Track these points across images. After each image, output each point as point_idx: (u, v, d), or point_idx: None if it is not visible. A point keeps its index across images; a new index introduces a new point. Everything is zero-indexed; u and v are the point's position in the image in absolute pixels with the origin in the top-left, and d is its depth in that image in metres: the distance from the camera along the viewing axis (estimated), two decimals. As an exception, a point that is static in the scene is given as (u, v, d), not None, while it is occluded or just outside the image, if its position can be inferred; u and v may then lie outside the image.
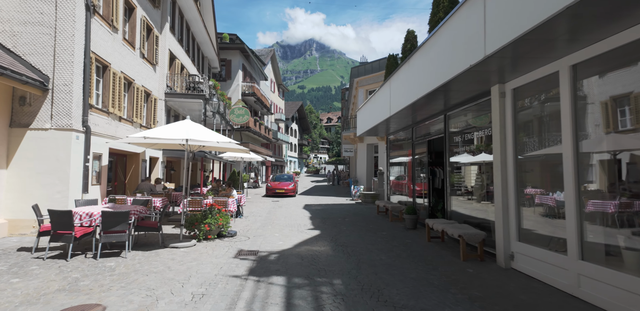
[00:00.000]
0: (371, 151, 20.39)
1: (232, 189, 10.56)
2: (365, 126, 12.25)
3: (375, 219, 10.74)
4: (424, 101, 7.03)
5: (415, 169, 9.87)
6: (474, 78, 5.36)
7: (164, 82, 13.29)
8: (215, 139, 6.61)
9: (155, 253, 6.20)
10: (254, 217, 11.17)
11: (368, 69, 19.64)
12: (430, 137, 8.78)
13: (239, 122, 18.26)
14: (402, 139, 11.43)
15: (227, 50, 24.70)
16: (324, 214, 12.06)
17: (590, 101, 4.13)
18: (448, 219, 7.64)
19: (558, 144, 4.49)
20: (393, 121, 9.92)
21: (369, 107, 11.57)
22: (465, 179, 7.12)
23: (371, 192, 16.00)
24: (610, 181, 3.92)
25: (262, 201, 16.92)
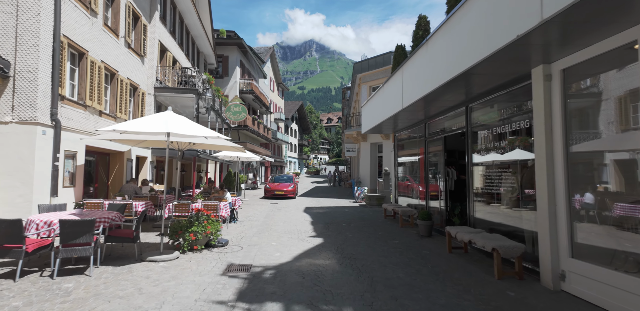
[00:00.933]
0: (375, 151, 19.40)
1: (226, 192, 9.57)
2: (371, 123, 11.26)
3: (383, 225, 9.73)
4: (444, 90, 6.04)
5: (428, 170, 8.87)
6: (513, 57, 4.37)
7: (153, 75, 12.30)
8: (201, 133, 5.62)
9: (128, 268, 5.19)
10: (250, 222, 10.17)
11: (372, 64, 18.66)
12: (447, 134, 7.79)
13: (235, 119, 17.26)
14: (412, 137, 10.43)
15: (224, 46, 23.72)
16: (327, 218, 11.06)
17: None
18: (471, 227, 6.64)
19: (631, 136, 3.50)
20: (403, 116, 8.93)
21: (376, 102, 10.58)
22: (493, 180, 6.12)
23: (376, 194, 15.00)
24: None
25: (260, 203, 15.92)
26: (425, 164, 8.97)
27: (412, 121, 9.53)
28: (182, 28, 16.37)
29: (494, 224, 6.10)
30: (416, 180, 10.10)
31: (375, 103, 10.75)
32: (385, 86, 9.25)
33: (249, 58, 26.47)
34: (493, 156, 6.11)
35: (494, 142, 6.04)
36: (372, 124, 11.02)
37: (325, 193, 22.35)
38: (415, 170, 10.23)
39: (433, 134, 8.69)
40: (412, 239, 7.65)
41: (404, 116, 8.84)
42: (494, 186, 6.11)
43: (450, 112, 7.59)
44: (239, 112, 17.16)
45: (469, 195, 6.80)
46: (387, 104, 9.20)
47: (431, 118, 8.64)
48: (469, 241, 5.47)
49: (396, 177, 11.76)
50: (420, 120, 9.24)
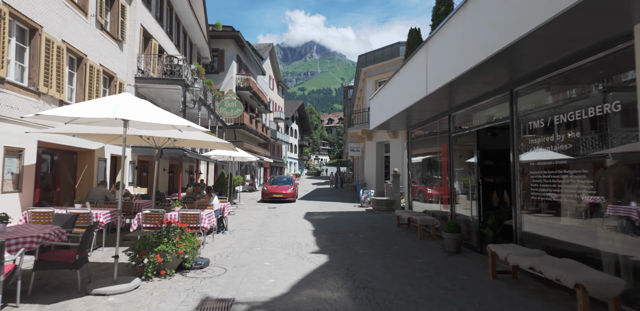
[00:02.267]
0: (381, 150, 17.95)
1: (213, 197, 8.12)
2: (381, 118, 9.81)
3: (398, 236, 8.27)
4: (490, 66, 4.59)
5: (454, 171, 7.41)
6: (605, 9, 2.94)
7: (134, 64, 10.87)
8: (165, 121, 4.17)
9: (61, 307, 3.74)
10: (241, 231, 8.71)
11: (378, 56, 17.23)
12: (482, 126, 6.33)
13: (230, 116, 15.82)
14: (431, 133, 8.98)
15: (219, 39, 22.31)
16: (331, 226, 9.59)
17: None
18: (519, 244, 5.18)
19: None
20: (424, 107, 7.49)
21: (388, 92, 9.13)
22: (551, 184, 4.66)
23: (384, 198, 13.53)
24: None
25: (257, 207, 14.46)
26: (450, 164, 7.51)
27: (432, 113, 8.07)
28: (171, 16, 14.96)
29: (553, 241, 4.64)
30: (435, 183, 8.64)
31: (386, 95, 9.30)
32: (402, 73, 7.80)
33: (247, 53, 25.07)
34: (551, 154, 4.65)
35: (553, 135, 4.59)
36: (383, 118, 9.57)
37: (327, 196, 20.88)
38: (435, 171, 8.77)
39: (460, 128, 7.23)
40: (438, 257, 6.18)
41: (424, 106, 7.39)
42: (552, 191, 4.65)
43: (486, 100, 6.13)
44: (234, 108, 15.72)
45: (514, 203, 5.34)
46: (403, 94, 7.75)
47: (458, 108, 7.18)
48: (530, 267, 4.01)
49: (410, 179, 10.30)
50: (443, 112, 7.79)
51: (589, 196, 4.08)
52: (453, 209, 7.40)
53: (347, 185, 29.31)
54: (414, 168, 10.22)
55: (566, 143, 4.40)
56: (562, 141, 4.46)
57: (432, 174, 9.04)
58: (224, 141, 6.95)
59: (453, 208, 7.40)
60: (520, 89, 5.28)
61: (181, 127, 4.72)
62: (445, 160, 7.82)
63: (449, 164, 7.52)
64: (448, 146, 7.61)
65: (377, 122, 10.26)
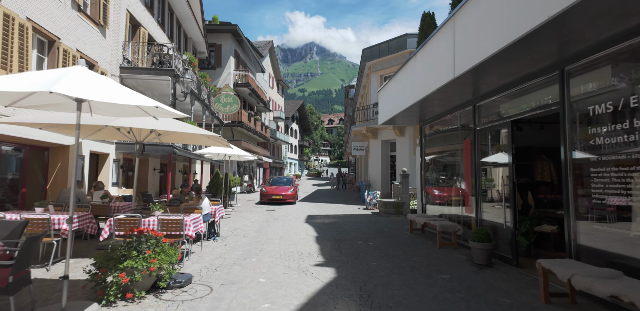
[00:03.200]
0: (387, 149, 16.95)
1: (202, 199, 7.12)
2: (391, 111, 8.82)
3: (414, 243, 7.26)
4: (546, 34, 3.60)
5: (479, 170, 6.41)
6: None
7: (119, 52, 9.89)
8: (126, 101, 3.17)
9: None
10: (235, 238, 7.71)
11: (384, 49, 16.25)
12: (520, 116, 5.33)
13: (225, 112, 14.82)
14: (449, 128, 8.00)
15: (216, 33, 21.35)
16: (336, 232, 8.59)
17: None
18: (574, 259, 4.19)
19: None
20: (442, 96, 6.50)
21: (400, 82, 8.14)
22: (626, 185, 3.66)
23: (392, 200, 12.53)
24: None
25: (254, 210, 13.45)
26: (474, 162, 6.51)
27: (452, 103, 7.08)
28: (164, 5, 13.98)
29: (621, 258, 3.64)
30: (455, 184, 7.64)
31: (398, 85, 8.31)
32: (418, 58, 6.80)
33: (245, 48, 24.09)
34: (620, 147, 3.66)
35: (625, 123, 3.59)
36: (394, 112, 8.57)
37: (329, 198, 19.87)
38: (454, 171, 7.77)
39: (488, 120, 6.24)
40: (467, 272, 5.17)
41: (444, 95, 6.40)
42: (622, 194, 3.66)
43: (524, 84, 5.14)
44: (230, 104, 14.71)
45: (568, 209, 4.33)
46: (419, 82, 6.76)
47: (486, 97, 6.18)
48: (613, 296, 3.00)
49: (422, 180, 9.29)
50: (466, 102, 6.79)
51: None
52: (479, 213, 6.39)
53: (349, 186, 28.30)
54: (428, 167, 9.21)
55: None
56: (633, 130, 3.46)
57: (450, 174, 8.04)
58: (214, 134, 5.97)
59: (479, 213, 6.39)
60: (573, 67, 4.29)
61: (148, 110, 3.72)
62: (468, 158, 6.81)
63: (473, 162, 6.51)
64: (472, 142, 6.61)
65: (386, 117, 9.27)
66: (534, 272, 4.98)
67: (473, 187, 6.56)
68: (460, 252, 6.46)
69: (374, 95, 17.26)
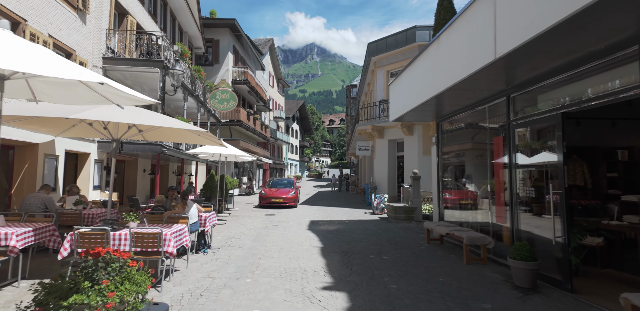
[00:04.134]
0: (393, 149, 15.96)
1: (189, 206, 6.14)
2: (405, 105, 7.84)
3: (435, 257, 6.26)
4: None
5: (515, 172, 5.42)
6: None
7: (101, 41, 8.93)
8: (63, 73, 2.19)
9: None
10: (229, 249, 6.73)
11: (391, 43, 15.28)
12: (572, 108, 4.35)
13: (222, 109, 13.84)
14: (472, 124, 7.02)
15: (214, 28, 20.40)
16: (343, 242, 7.60)
17: None
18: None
19: None
20: (470, 86, 5.52)
21: (417, 72, 7.16)
22: None
23: (401, 204, 11.54)
24: None
25: (253, 214, 12.47)
26: (509, 163, 5.52)
27: (479, 95, 6.10)
28: (156, -7, 13.03)
29: None
30: (481, 187, 6.65)
31: (414, 76, 7.33)
32: (441, 42, 5.81)
33: (244, 44, 23.13)
34: None
35: None
36: (409, 106, 7.58)
37: (332, 200, 18.87)
38: (480, 173, 6.79)
39: (528, 113, 5.26)
40: (511, 299, 4.17)
41: (474, 84, 5.41)
42: None
43: (585, 66, 4.15)
44: (227, 101, 13.73)
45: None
46: (443, 69, 5.77)
47: (525, 86, 5.20)
48: None
49: (440, 183, 8.30)
50: (497, 93, 5.80)
51: None
52: (515, 223, 5.39)
53: (352, 188, 27.32)
54: (446, 168, 8.22)
55: None
56: None
57: (475, 176, 7.05)
58: (201, 130, 4.99)
59: (515, 223, 5.39)
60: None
61: (92, 85, 2.75)
62: (499, 157, 5.82)
63: (510, 162, 5.51)
64: (506, 139, 5.62)
65: (399, 113, 8.28)
66: (596, 300, 3.99)
67: (507, 192, 5.57)
68: (493, 270, 5.46)
69: (379, 92, 16.30)
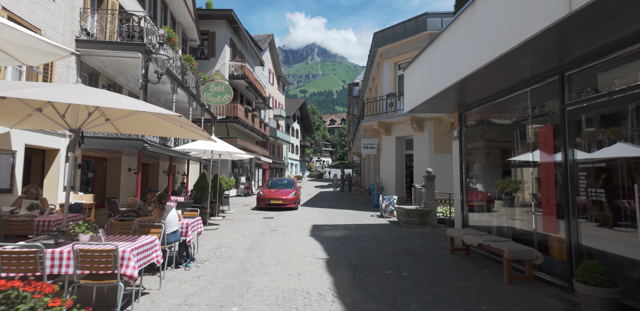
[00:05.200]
0: (401, 147, 14.84)
1: (167, 211, 5.03)
2: (424, 93, 6.71)
3: (466, 274, 5.13)
4: None
5: (574, 170, 4.29)
6: None
7: (74, 21, 7.83)
8: None
9: None
10: (217, 262, 5.61)
11: (399, 32, 14.16)
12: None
13: (216, 103, 12.73)
14: (503, 114, 5.90)
15: (210, 20, 19.31)
16: (352, 252, 6.47)
17: None
18: None
19: None
20: (514, 62, 4.40)
21: (443, 49, 6.04)
22: None
23: (413, 207, 10.43)
24: None
25: (249, 218, 11.36)
26: (565, 158, 4.38)
27: (519, 76, 4.97)
28: (144, -23, 11.91)
29: None
30: (521, 188, 5.53)
31: (439, 54, 6.20)
32: (478, 6, 4.67)
33: (242, 37, 22.03)
34: None
35: None
36: (427, 94, 6.45)
37: (335, 202, 17.75)
38: (515, 172, 5.66)
39: (592, 95, 4.13)
40: (593, 343, 3.05)
41: (519, 59, 4.29)
42: None
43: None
44: (221, 94, 12.61)
45: None
46: (481, 40, 4.64)
47: (593, 58, 4.06)
48: None
49: (464, 183, 7.17)
50: (545, 72, 4.67)
51: None
52: (573, 235, 4.25)
53: (355, 189, 26.21)
54: (471, 165, 7.09)
55: None
56: None
57: (509, 176, 5.93)
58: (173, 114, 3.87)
59: (573, 234, 4.25)
60: None
61: None
62: (548, 151, 4.70)
63: (565, 157, 4.38)
64: (559, 128, 4.49)
65: (416, 102, 7.15)
66: None
67: (561, 194, 4.45)
68: (545, 293, 4.33)
69: (386, 85, 15.19)
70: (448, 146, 13.00)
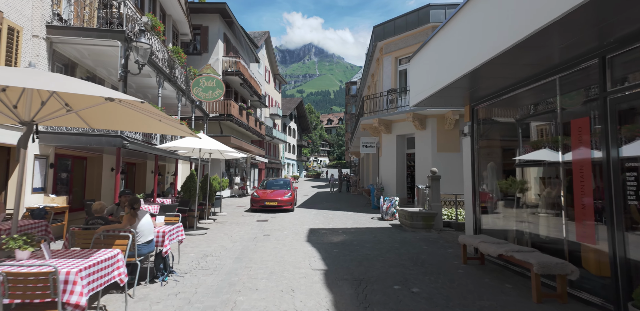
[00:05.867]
0: (402, 146, 14.17)
1: (141, 217, 4.31)
2: (436, 82, 6.02)
3: (486, 289, 4.44)
4: None
5: (616, 169, 3.62)
6: None
7: (46, 4, 7.07)
8: None
9: None
10: (199, 275, 4.89)
11: (400, 25, 13.48)
12: None
13: (207, 98, 11.98)
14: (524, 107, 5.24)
15: (202, 14, 18.54)
16: (353, 261, 5.77)
17: None
18: None
19: None
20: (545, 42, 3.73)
21: (456, 34, 5.35)
22: None
23: (416, 209, 9.76)
24: None
25: (242, 220, 10.64)
26: (607, 155, 3.71)
27: (548, 61, 4.30)
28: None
29: None
30: (547, 190, 4.86)
31: (450, 40, 5.52)
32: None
33: (236, 32, 21.28)
34: None
35: None
36: (439, 84, 5.77)
37: (333, 203, 17.05)
38: (539, 171, 4.99)
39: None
40: None
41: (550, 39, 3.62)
42: None
43: None
44: (212, 89, 11.86)
45: None
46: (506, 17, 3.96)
47: (637, 39, 3.40)
48: None
49: (476, 184, 6.49)
50: (582, 54, 4.00)
51: None
52: (619, 246, 3.57)
53: (353, 189, 25.53)
54: (486, 165, 6.41)
55: None
56: None
57: (531, 176, 5.26)
58: (136, 100, 3.15)
59: (619, 245, 3.57)
60: None
61: None
62: (582, 148, 4.03)
63: (607, 154, 3.71)
64: (604, 118, 3.81)
65: (423, 95, 6.46)
66: None
67: (602, 197, 3.77)
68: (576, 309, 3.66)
69: (386, 81, 14.51)
70: (452, 145, 12.35)
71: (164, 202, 9.45)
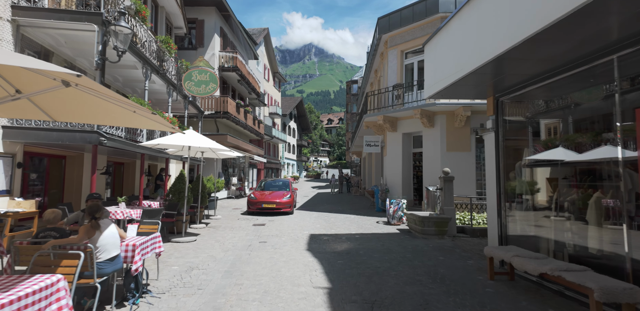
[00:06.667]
0: (408, 144, 13.35)
1: (104, 228, 3.48)
2: (459, 67, 5.19)
3: (527, 317, 3.62)
4: None
5: None
6: None
7: (11, -17, 6.23)
8: None
9: None
10: (179, 295, 4.05)
11: (406, 17, 12.66)
12: None
13: (200, 93, 11.13)
14: (565, 95, 4.42)
15: (198, 7, 17.74)
16: (362, 278, 4.93)
17: None
18: None
19: None
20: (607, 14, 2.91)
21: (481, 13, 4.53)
22: None
23: (426, 213, 8.93)
24: None
25: (237, 225, 9.82)
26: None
27: (599, 39, 3.47)
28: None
29: None
30: (595, 194, 4.03)
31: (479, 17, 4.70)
32: None
33: (233, 26, 20.45)
34: None
35: None
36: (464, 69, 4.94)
37: (334, 205, 16.22)
38: (586, 172, 4.17)
39: None
40: None
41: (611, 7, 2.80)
42: None
43: None
44: (206, 83, 11.01)
45: None
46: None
47: None
48: None
49: (502, 188, 5.65)
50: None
51: None
52: None
53: (354, 190, 24.71)
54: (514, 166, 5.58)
55: None
56: None
57: (574, 177, 4.43)
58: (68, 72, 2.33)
59: None
60: None
61: None
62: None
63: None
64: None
65: (442, 84, 5.62)
66: None
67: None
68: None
69: (392, 76, 13.69)
70: (462, 143, 11.54)
71: (150, 205, 8.61)
